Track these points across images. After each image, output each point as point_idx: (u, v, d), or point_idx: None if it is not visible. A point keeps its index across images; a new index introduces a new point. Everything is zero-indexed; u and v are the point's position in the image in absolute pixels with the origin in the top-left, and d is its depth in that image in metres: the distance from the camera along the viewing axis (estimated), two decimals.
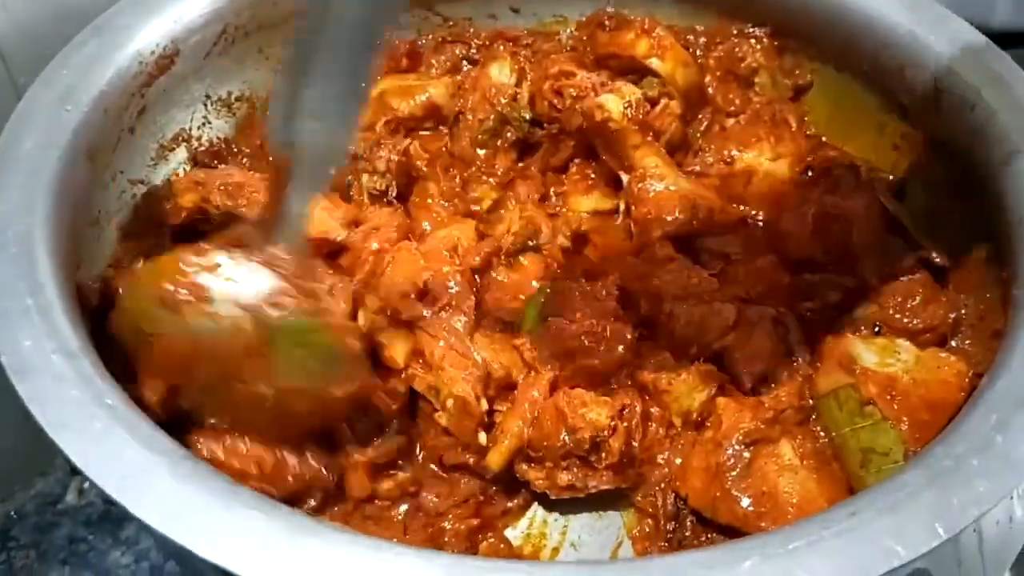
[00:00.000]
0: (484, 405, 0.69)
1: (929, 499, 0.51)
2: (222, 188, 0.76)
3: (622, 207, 0.84)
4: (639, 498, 0.69)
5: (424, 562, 0.47)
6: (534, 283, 0.78)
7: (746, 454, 0.66)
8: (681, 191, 0.80)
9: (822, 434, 0.68)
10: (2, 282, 0.57)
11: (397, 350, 0.71)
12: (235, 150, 0.86)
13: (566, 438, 0.65)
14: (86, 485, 0.88)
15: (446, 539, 0.67)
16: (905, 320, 0.74)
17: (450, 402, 0.69)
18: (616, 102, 0.81)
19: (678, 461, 0.69)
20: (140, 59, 0.76)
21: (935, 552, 0.49)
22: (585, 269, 0.78)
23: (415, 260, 0.75)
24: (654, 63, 0.85)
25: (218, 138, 0.86)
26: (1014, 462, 0.53)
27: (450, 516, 0.68)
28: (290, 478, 0.62)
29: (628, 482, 0.68)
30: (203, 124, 0.85)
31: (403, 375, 0.70)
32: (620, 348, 0.70)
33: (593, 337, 0.70)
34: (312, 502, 0.64)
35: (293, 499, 0.63)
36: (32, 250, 0.59)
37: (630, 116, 0.81)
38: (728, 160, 0.84)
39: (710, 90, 0.91)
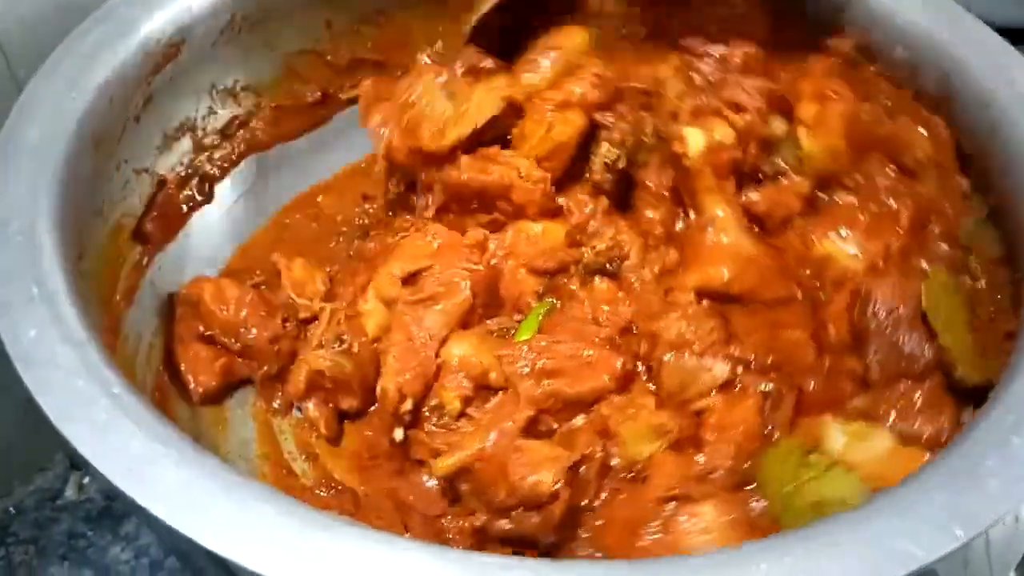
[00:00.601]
0: (408, 406, 0.70)
1: (946, 501, 0.50)
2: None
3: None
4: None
5: (434, 558, 0.46)
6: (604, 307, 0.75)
7: (667, 511, 0.63)
8: (740, 252, 0.74)
9: (756, 503, 0.63)
10: (7, 271, 0.56)
11: (370, 322, 0.74)
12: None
13: (503, 495, 0.64)
14: (86, 481, 0.88)
15: (449, 536, 0.67)
16: (896, 420, 0.66)
17: (378, 390, 0.72)
18: (698, 139, 0.75)
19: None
20: (146, 48, 0.75)
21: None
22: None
23: (421, 247, 0.76)
24: (801, 134, 0.77)
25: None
26: None
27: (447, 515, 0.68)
28: (251, 334, 0.73)
29: (566, 536, 0.66)
30: (208, 114, 0.84)
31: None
32: (604, 378, 0.68)
33: (577, 361, 0.69)
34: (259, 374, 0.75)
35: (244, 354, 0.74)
36: (37, 239, 0.59)
37: (711, 159, 0.74)
38: (808, 243, 0.76)
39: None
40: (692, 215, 0.77)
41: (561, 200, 0.80)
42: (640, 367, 0.71)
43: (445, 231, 0.79)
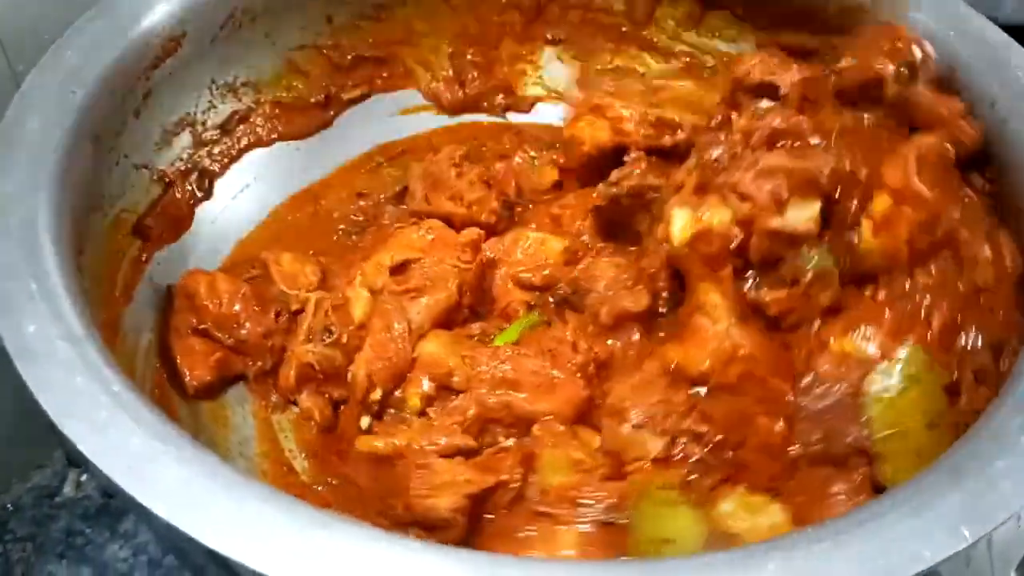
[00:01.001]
0: (377, 395, 0.70)
1: (954, 501, 0.50)
2: None
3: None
4: None
5: (437, 556, 0.46)
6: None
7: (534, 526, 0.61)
8: (728, 346, 0.65)
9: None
10: (6, 266, 0.56)
11: (356, 308, 0.75)
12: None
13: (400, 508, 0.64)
14: (83, 478, 0.87)
15: None
16: (802, 503, 0.62)
17: (349, 375, 0.72)
18: (683, 222, 0.68)
19: None
20: (146, 41, 0.75)
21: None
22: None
23: (414, 239, 0.77)
24: (866, 228, 0.66)
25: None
26: None
27: None
28: (239, 330, 0.74)
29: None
30: (208, 108, 0.84)
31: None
32: (564, 403, 0.67)
33: (540, 379, 0.68)
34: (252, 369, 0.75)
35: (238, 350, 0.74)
36: (36, 234, 0.58)
37: (699, 246, 0.67)
38: (824, 342, 0.66)
39: None
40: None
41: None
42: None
43: (440, 226, 0.79)
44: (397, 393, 0.71)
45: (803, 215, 0.65)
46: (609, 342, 0.71)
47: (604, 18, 0.96)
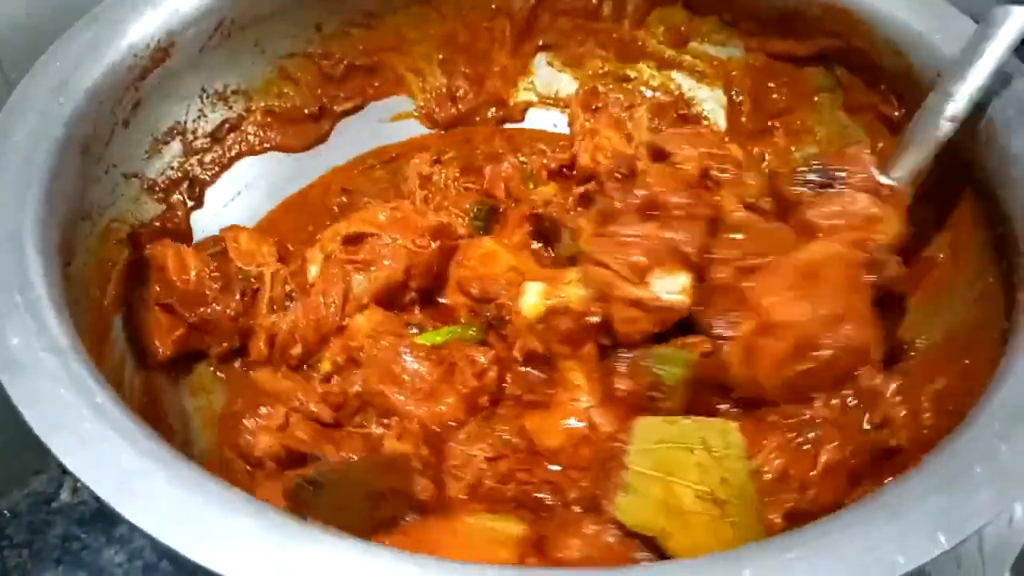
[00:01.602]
0: (297, 350, 0.74)
1: (931, 507, 0.50)
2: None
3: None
4: None
5: (421, 569, 0.46)
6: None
7: None
8: (586, 425, 0.65)
9: None
10: None
11: (311, 269, 0.76)
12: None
13: None
14: (80, 484, 0.87)
15: None
16: None
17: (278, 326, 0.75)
18: (533, 298, 0.67)
19: None
20: (134, 51, 0.75)
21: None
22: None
23: (375, 216, 0.78)
24: (730, 357, 0.63)
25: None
26: (1019, 470, 0.52)
27: None
28: (207, 309, 0.73)
29: None
30: (198, 117, 0.84)
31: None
32: (440, 408, 0.68)
33: (421, 384, 0.69)
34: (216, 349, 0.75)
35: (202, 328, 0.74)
36: (22, 245, 0.59)
37: (552, 323, 0.66)
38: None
39: None
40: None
41: None
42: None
43: (410, 209, 0.80)
44: (315, 357, 0.75)
45: (669, 286, 0.63)
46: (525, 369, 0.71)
47: (594, 24, 0.96)
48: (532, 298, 0.66)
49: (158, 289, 0.74)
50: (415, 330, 0.75)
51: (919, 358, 0.75)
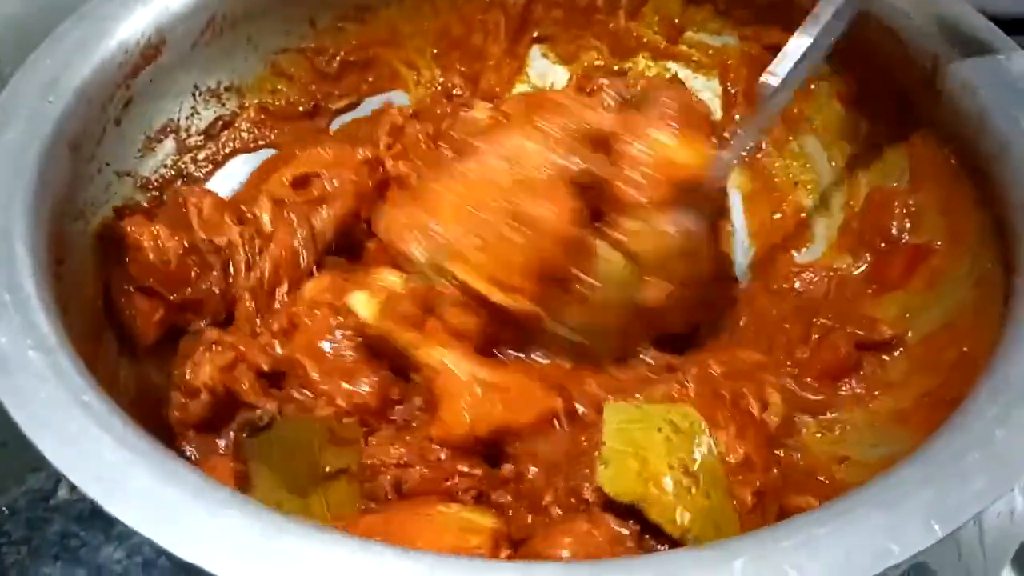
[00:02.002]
0: (284, 288, 0.76)
1: (926, 496, 0.49)
2: None
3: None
4: None
5: (408, 561, 0.46)
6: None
7: None
8: (475, 384, 0.65)
9: None
10: None
11: (263, 217, 0.78)
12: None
13: None
14: None
15: None
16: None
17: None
18: (362, 301, 0.68)
19: None
20: (125, 49, 0.75)
21: (933, 546, 0.48)
22: None
23: (315, 156, 0.81)
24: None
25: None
26: (1014, 457, 0.51)
27: None
28: (189, 289, 0.73)
29: None
30: (191, 115, 0.84)
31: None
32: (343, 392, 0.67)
33: (337, 362, 0.69)
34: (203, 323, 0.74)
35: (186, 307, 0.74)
36: (11, 244, 0.58)
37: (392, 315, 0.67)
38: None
39: None
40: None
41: None
42: None
43: (340, 146, 0.83)
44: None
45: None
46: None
47: (589, 16, 0.95)
48: (360, 303, 0.68)
49: (135, 271, 0.72)
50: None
51: (917, 345, 0.75)
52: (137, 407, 0.67)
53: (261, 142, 0.90)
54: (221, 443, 0.69)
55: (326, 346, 0.68)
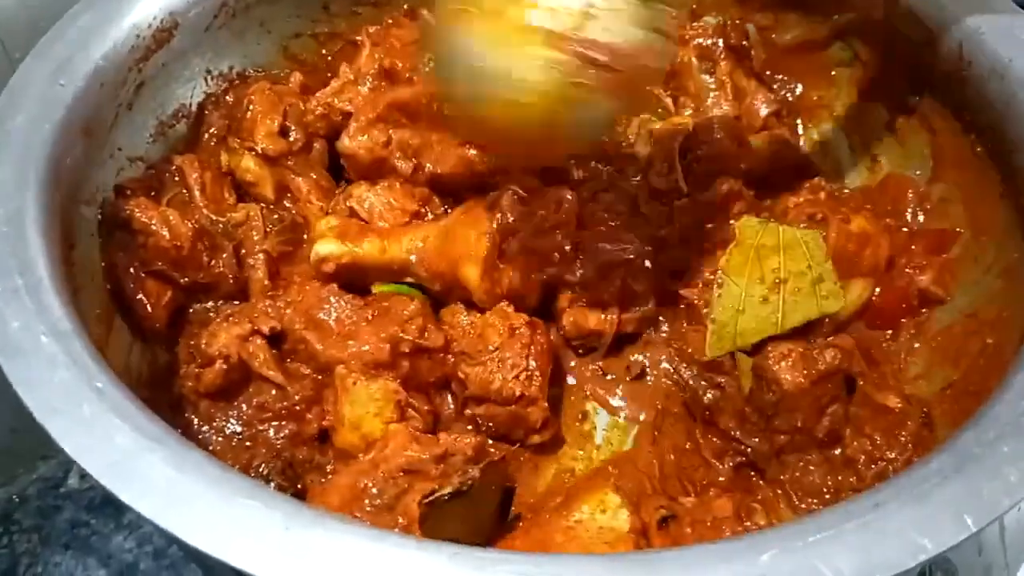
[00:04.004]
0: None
1: (957, 489, 0.48)
2: None
3: None
4: None
5: (426, 553, 0.45)
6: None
7: (397, 487, 0.59)
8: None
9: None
10: None
11: (267, 187, 0.77)
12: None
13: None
14: None
15: None
16: None
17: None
18: (326, 243, 0.72)
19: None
20: (137, 32, 0.74)
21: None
22: None
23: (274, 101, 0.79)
24: None
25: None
26: None
27: None
28: (202, 273, 0.72)
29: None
30: (204, 100, 0.83)
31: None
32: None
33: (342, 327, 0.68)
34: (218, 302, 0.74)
35: (196, 290, 0.73)
36: (23, 228, 0.58)
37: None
38: None
39: None
40: None
41: None
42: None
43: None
44: None
45: None
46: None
47: None
48: (327, 247, 0.71)
49: (144, 255, 0.71)
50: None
51: (941, 336, 0.74)
52: (148, 389, 0.68)
53: None
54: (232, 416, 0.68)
55: (323, 315, 0.68)
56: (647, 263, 0.73)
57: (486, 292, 0.69)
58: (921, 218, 0.79)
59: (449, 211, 0.76)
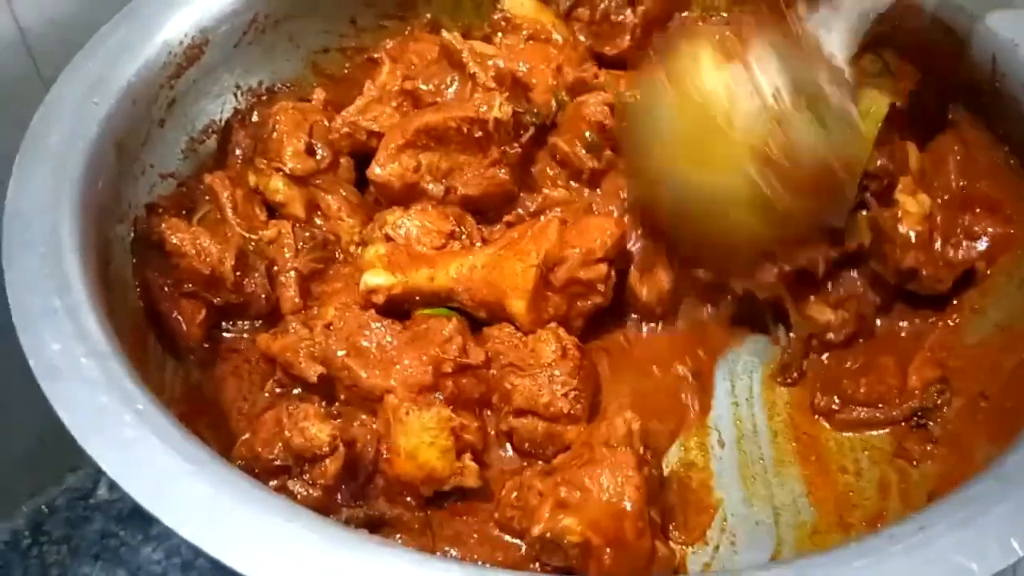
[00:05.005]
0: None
1: (1003, 512, 0.48)
2: None
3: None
4: None
5: (458, 573, 0.45)
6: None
7: None
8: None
9: None
10: (29, 282, 0.56)
11: (297, 206, 0.77)
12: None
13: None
14: None
15: None
16: None
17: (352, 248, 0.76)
18: (375, 273, 0.71)
19: None
20: (169, 49, 0.75)
21: None
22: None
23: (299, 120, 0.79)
24: None
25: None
26: None
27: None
28: (233, 294, 0.71)
29: None
30: (234, 115, 0.83)
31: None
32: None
33: (382, 353, 0.67)
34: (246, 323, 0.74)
35: (229, 310, 0.73)
36: (60, 248, 0.58)
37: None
38: None
39: None
40: None
41: None
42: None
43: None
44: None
45: None
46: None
47: None
48: (378, 278, 0.70)
49: (177, 276, 0.71)
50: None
51: (973, 347, 0.73)
52: (183, 405, 0.68)
53: None
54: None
55: (364, 342, 0.67)
56: None
57: (532, 323, 0.69)
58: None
59: (483, 229, 0.76)
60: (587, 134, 0.76)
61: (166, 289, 0.72)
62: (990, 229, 0.74)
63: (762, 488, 0.68)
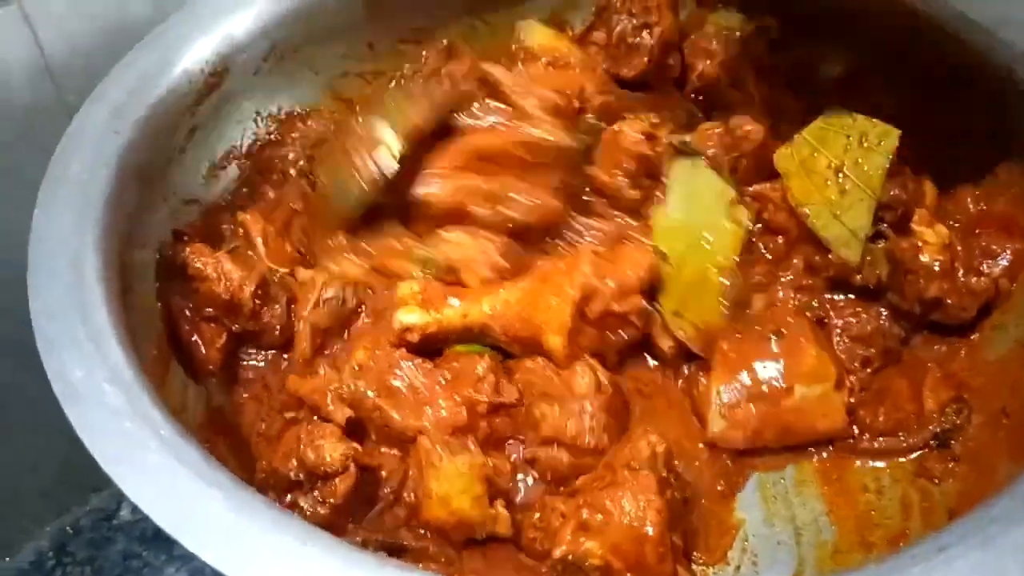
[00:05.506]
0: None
1: (1022, 533, 0.47)
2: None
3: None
4: None
5: None
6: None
7: None
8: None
9: None
10: (53, 309, 0.57)
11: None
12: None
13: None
14: None
15: None
16: None
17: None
18: (408, 311, 0.71)
19: None
20: (190, 77, 0.75)
21: None
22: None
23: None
24: None
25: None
26: None
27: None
28: (251, 322, 0.72)
29: None
30: (254, 141, 0.84)
31: None
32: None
33: (415, 395, 0.67)
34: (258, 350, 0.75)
35: (245, 337, 0.74)
36: (83, 275, 0.59)
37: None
38: None
39: None
40: None
41: None
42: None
43: None
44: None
45: None
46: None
47: None
48: (411, 316, 0.70)
49: (198, 301, 0.72)
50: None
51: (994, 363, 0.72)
52: (205, 429, 0.68)
53: None
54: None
55: (396, 382, 0.67)
56: None
57: (568, 357, 0.69)
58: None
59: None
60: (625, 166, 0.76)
61: (187, 313, 0.72)
62: (1008, 246, 0.73)
63: (783, 508, 0.68)
